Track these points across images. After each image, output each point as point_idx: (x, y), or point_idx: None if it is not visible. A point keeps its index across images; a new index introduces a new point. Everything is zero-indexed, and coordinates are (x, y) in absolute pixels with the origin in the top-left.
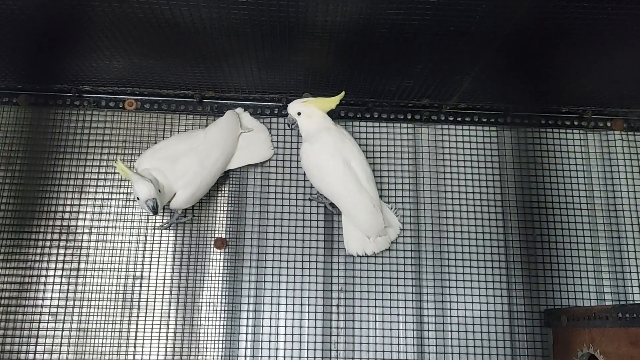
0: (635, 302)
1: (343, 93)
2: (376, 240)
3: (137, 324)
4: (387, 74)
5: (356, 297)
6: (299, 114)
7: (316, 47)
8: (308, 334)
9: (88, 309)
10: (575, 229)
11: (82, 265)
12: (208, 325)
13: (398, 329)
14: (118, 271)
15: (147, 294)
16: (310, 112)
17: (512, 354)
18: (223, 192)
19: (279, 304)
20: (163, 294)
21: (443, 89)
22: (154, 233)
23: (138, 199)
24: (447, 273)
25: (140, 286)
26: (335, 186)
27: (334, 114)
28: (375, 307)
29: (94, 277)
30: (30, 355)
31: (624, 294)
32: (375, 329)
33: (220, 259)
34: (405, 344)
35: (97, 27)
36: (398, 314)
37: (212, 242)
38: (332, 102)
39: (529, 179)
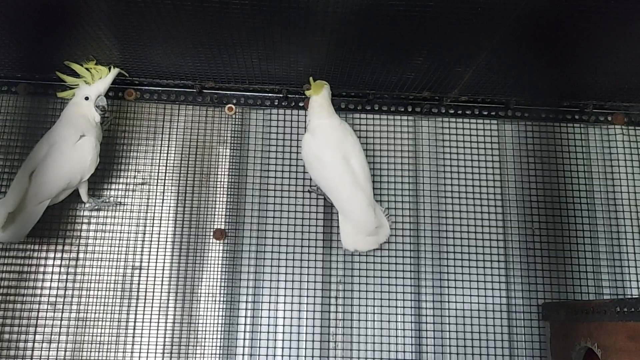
0: (634, 296)
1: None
2: (366, 239)
3: (135, 314)
4: (388, 66)
5: (355, 290)
6: None
7: (317, 38)
8: (306, 325)
9: (87, 299)
10: (574, 222)
11: (81, 255)
12: (206, 316)
13: (396, 321)
14: (117, 261)
15: (146, 284)
16: (311, 101)
17: (509, 347)
18: (222, 183)
19: (277, 295)
20: (162, 284)
21: (444, 81)
22: (153, 223)
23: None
24: (446, 266)
25: (139, 276)
26: (333, 180)
27: (334, 106)
28: (374, 299)
29: (92, 267)
30: (29, 344)
31: (622, 288)
32: (374, 320)
33: (219, 250)
34: (404, 336)
35: (97, 16)
36: (396, 307)
37: (212, 233)
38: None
39: (529, 173)
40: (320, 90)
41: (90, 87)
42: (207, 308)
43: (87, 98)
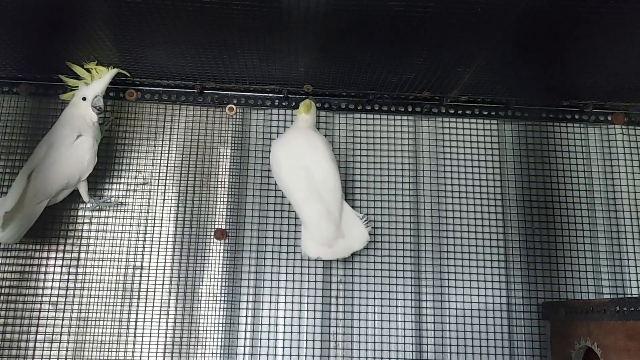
0: (633, 295)
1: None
2: (334, 248)
3: (137, 314)
4: (388, 66)
5: (355, 289)
6: None
7: (317, 38)
8: (307, 325)
9: (88, 299)
10: (574, 222)
11: (83, 255)
12: (207, 315)
13: (397, 321)
14: (118, 261)
15: (147, 284)
16: (299, 118)
17: (509, 346)
18: (223, 183)
19: (278, 295)
20: (163, 284)
21: (444, 81)
22: (154, 223)
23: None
24: (446, 265)
25: (140, 276)
26: (289, 187)
27: (334, 106)
28: (374, 299)
29: (94, 267)
30: (31, 344)
31: (622, 287)
32: (374, 320)
33: (220, 250)
34: (404, 335)
35: (97, 16)
36: (397, 306)
37: (212, 233)
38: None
39: (529, 172)
40: (310, 110)
41: (88, 88)
42: (208, 308)
43: (84, 98)
